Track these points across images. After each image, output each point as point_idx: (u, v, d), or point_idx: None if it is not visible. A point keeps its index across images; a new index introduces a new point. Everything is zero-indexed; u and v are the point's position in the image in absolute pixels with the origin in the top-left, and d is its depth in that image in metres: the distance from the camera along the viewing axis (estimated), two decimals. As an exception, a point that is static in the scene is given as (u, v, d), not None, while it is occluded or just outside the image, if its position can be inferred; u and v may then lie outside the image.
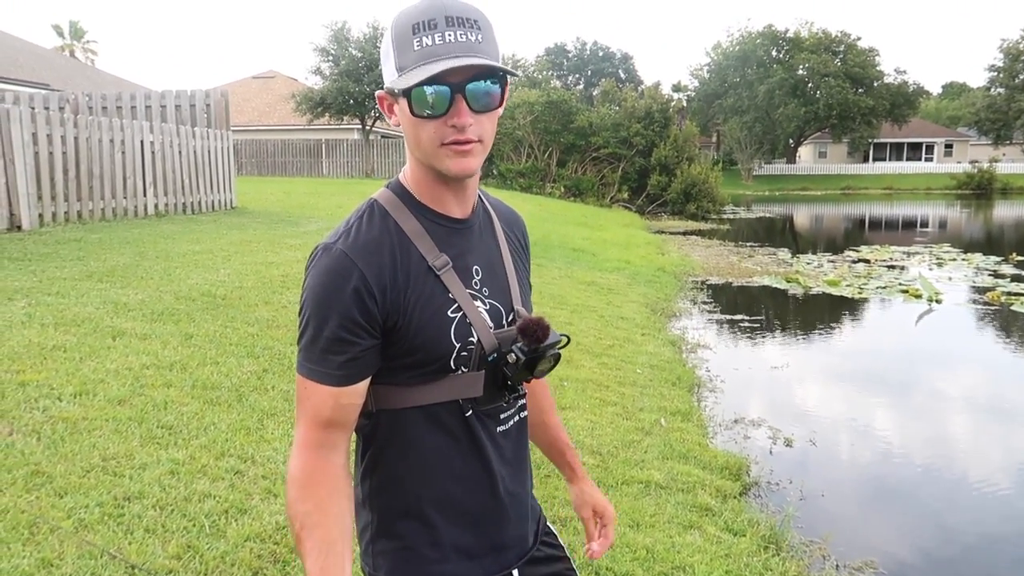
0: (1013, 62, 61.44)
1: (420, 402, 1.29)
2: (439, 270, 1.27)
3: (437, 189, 1.29)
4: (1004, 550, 4.12)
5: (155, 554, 2.74)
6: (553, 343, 1.31)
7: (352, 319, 1.20)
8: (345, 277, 1.20)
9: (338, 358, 1.21)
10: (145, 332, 5.15)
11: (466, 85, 1.18)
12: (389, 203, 1.30)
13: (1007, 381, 7.54)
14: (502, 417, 1.37)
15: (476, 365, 1.28)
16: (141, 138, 11.07)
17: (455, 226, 1.32)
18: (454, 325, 1.26)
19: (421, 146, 1.23)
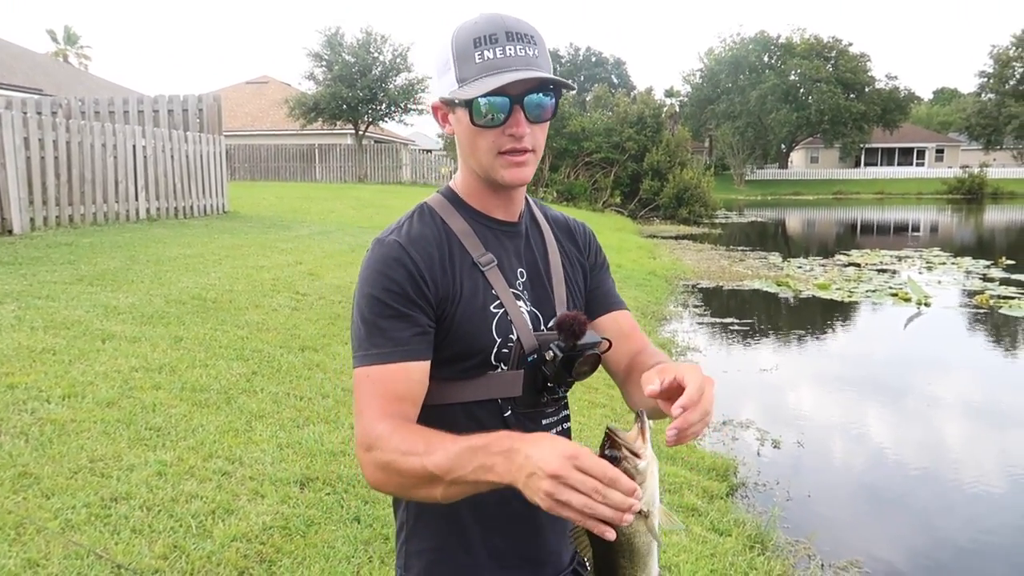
0: (1003, 68, 61.92)
1: (459, 399, 1.29)
2: (484, 266, 1.30)
3: (486, 194, 1.34)
4: (988, 550, 4.16)
5: (141, 554, 2.75)
6: (591, 343, 1.28)
7: (407, 296, 1.23)
8: (399, 260, 1.24)
9: (404, 333, 1.22)
10: (135, 335, 5.16)
11: (524, 97, 1.22)
12: (438, 205, 1.35)
13: (994, 384, 7.60)
14: (544, 423, 1.35)
15: (515, 364, 1.29)
16: (133, 143, 11.07)
17: (501, 228, 1.36)
18: (496, 320, 1.28)
19: (477, 155, 1.27)
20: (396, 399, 1.21)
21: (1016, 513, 4.60)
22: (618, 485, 0.94)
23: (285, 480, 3.45)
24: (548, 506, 0.95)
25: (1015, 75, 61.51)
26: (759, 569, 3.38)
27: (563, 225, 1.49)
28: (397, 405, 1.21)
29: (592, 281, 1.48)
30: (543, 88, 1.24)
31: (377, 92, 30.98)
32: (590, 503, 0.93)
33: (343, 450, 3.85)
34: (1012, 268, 14.57)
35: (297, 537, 3.02)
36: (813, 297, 11.68)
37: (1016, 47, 61.91)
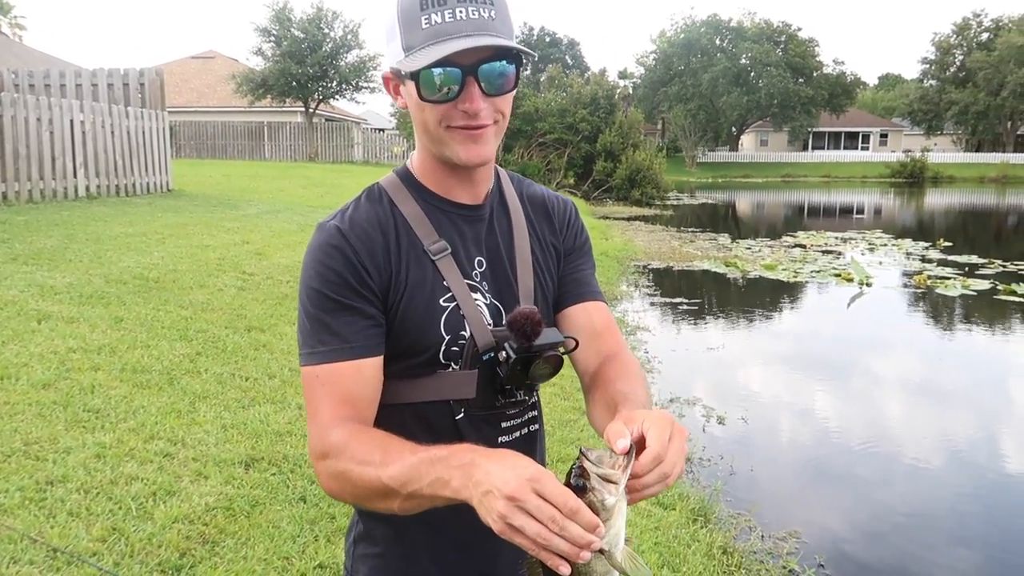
0: (944, 56, 63.70)
1: (406, 399, 1.19)
2: (435, 255, 1.18)
3: (443, 174, 1.21)
4: (925, 520, 4.32)
5: (78, 537, 2.69)
6: (551, 344, 1.16)
7: (349, 286, 1.12)
8: (338, 248, 1.13)
9: (351, 327, 1.12)
10: (72, 315, 5.01)
11: (479, 67, 1.08)
12: (391, 186, 1.24)
13: (930, 361, 7.87)
14: (503, 426, 1.24)
15: (468, 362, 1.18)
16: (71, 117, 10.69)
17: (460, 212, 1.23)
18: (445, 315, 1.17)
19: (429, 131, 1.15)
20: (348, 401, 1.12)
21: (951, 485, 4.78)
22: (578, 518, 0.86)
23: (229, 461, 3.40)
24: (500, 529, 0.87)
25: (955, 62, 63.34)
26: (701, 541, 3.46)
27: (540, 203, 1.34)
28: (350, 407, 1.12)
29: (567, 265, 1.33)
30: (503, 56, 1.10)
31: (328, 69, 30.46)
32: (545, 533, 0.85)
33: (289, 430, 3.81)
34: (949, 250, 15.07)
35: (241, 517, 2.99)
36: (760, 277, 11.91)
37: (956, 35, 63.73)
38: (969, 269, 12.60)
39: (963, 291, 10.72)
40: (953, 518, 4.37)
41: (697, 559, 3.28)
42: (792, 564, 3.55)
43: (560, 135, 30.33)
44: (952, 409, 6.30)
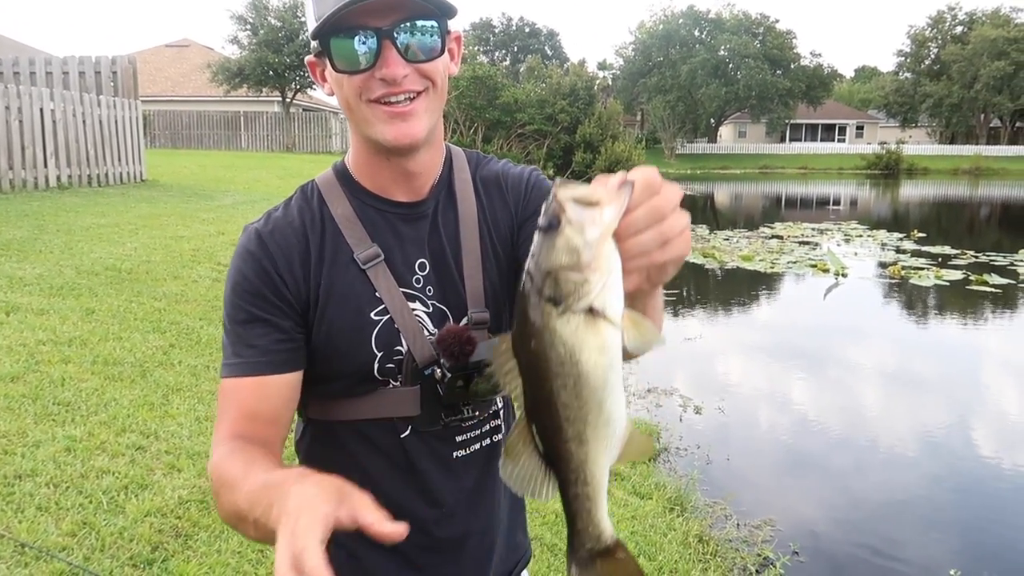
0: (919, 48, 64.37)
1: (347, 417, 1.11)
2: (365, 264, 1.07)
3: (377, 167, 1.09)
4: (899, 507, 4.38)
5: (47, 532, 2.64)
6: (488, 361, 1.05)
7: (262, 296, 1.05)
8: (253, 255, 1.06)
9: (260, 341, 1.04)
10: (42, 307, 4.93)
11: (394, 29, 0.97)
12: (325, 184, 1.13)
13: (904, 350, 7.98)
14: (459, 440, 1.14)
15: (409, 379, 1.08)
16: (41, 106, 10.48)
17: (399, 211, 1.11)
18: (377, 329, 1.07)
19: (351, 109, 1.03)
20: (248, 417, 1.04)
21: (924, 472, 4.85)
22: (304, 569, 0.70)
23: (203, 453, 3.36)
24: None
25: (930, 55, 64.02)
26: (677, 530, 3.48)
27: (493, 182, 1.19)
28: (248, 425, 1.03)
29: (525, 234, 1.15)
30: (421, 14, 0.98)
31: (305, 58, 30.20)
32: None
33: (264, 422, 3.77)
34: (923, 240, 15.26)
35: (214, 510, 2.95)
36: (738, 268, 11.99)
37: (931, 28, 64.40)
38: (942, 260, 12.77)
39: (936, 281, 10.87)
40: (926, 504, 4.43)
41: (673, 548, 3.30)
42: (767, 552, 3.58)
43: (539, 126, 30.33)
44: (925, 397, 6.39)
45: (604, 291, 0.71)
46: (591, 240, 0.69)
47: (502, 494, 1.22)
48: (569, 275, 0.70)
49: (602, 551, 0.82)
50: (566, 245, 0.70)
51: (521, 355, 0.75)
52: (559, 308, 0.71)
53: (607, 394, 0.74)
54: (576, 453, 0.75)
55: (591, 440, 0.75)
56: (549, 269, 0.71)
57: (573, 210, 0.70)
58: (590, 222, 0.70)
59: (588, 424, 0.74)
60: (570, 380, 0.72)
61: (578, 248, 0.70)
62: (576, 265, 0.70)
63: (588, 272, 0.70)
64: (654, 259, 0.74)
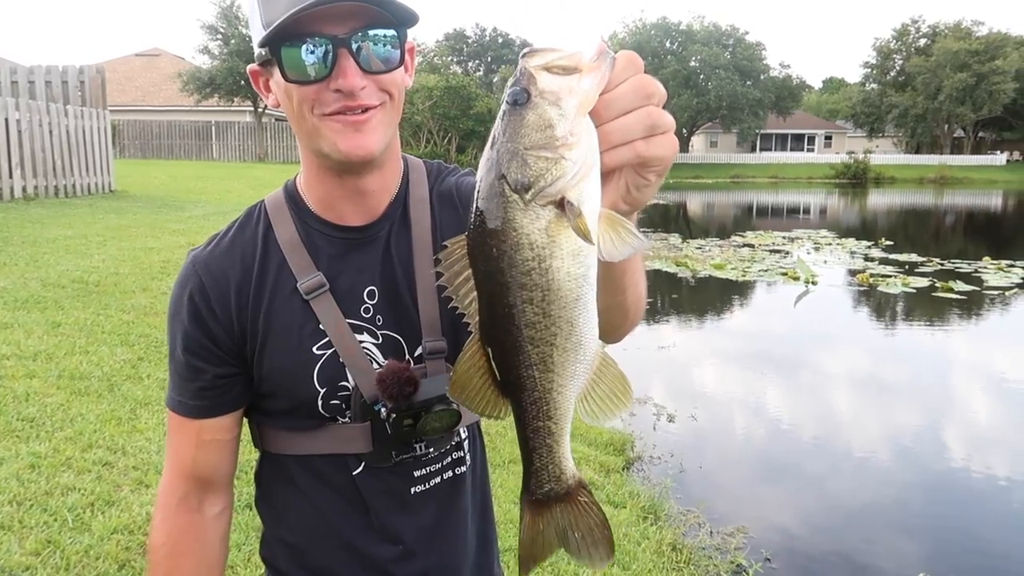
0: (885, 60, 65.63)
1: (298, 451, 1.07)
2: (308, 294, 1.01)
3: (328, 186, 1.02)
4: (871, 514, 4.42)
5: (11, 551, 2.59)
6: (439, 397, 1.00)
7: (192, 337, 1.01)
8: (184, 288, 1.02)
9: (192, 384, 1.03)
10: (6, 321, 4.83)
11: (352, 36, 0.90)
12: (274, 206, 1.07)
13: (873, 357, 8.09)
14: (417, 475, 1.08)
15: (358, 415, 1.02)
16: (6, 115, 10.32)
17: (348, 237, 1.04)
18: (320, 365, 1.01)
19: (301, 123, 0.95)
20: (189, 474, 1.07)
21: (894, 477, 4.91)
22: None
23: (172, 469, 3.31)
24: None
25: (895, 67, 65.30)
26: (651, 538, 3.49)
27: (447, 197, 1.11)
28: (193, 464, 1.06)
29: None
30: (381, 23, 0.91)
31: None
32: None
33: (235, 436, 3.73)
34: (890, 248, 15.51)
35: (184, 527, 2.91)
36: (710, 277, 12.09)
37: (896, 40, 65.71)
38: (909, 267, 12.99)
39: (903, 289, 11.05)
40: (896, 508, 4.49)
41: (647, 556, 3.31)
42: (739, 559, 3.60)
43: (513, 136, 30.41)
44: (895, 403, 6.48)
45: (580, 178, 0.59)
46: (567, 110, 0.59)
47: (468, 528, 1.16)
48: (540, 153, 0.59)
49: (562, 494, 0.74)
50: (538, 120, 0.59)
51: (478, 260, 0.62)
52: (526, 196, 0.59)
53: (579, 311, 0.63)
54: (539, 380, 0.66)
55: (558, 365, 0.65)
56: (515, 149, 0.59)
57: (545, 79, 0.59)
58: (566, 91, 0.59)
59: (555, 347, 0.64)
60: (537, 292, 0.62)
61: (551, 121, 0.59)
62: (549, 142, 0.59)
63: (563, 149, 0.58)
64: (638, 150, 0.63)
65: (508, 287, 0.62)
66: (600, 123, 0.61)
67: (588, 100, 0.59)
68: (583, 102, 0.59)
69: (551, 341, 0.64)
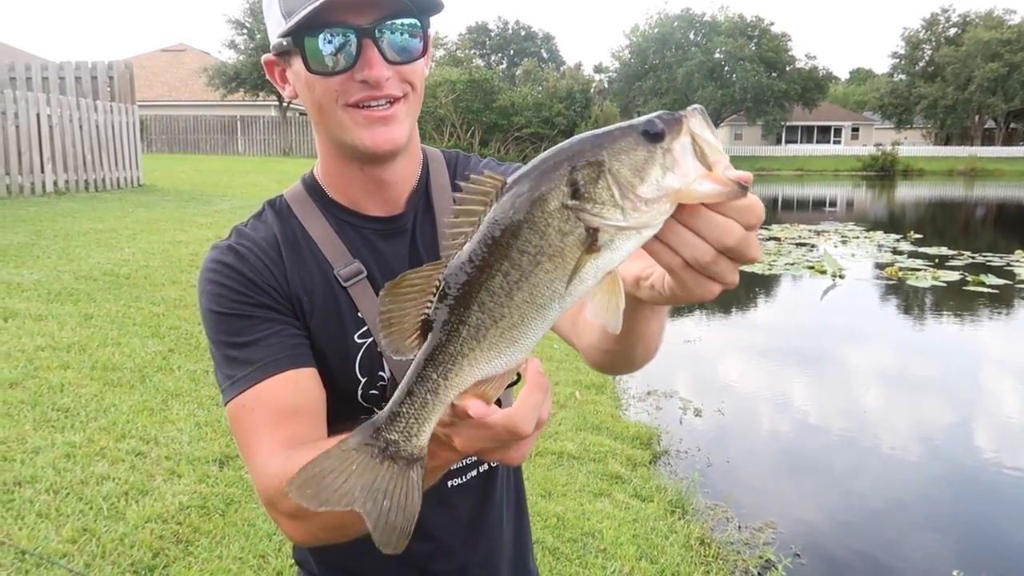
0: (914, 50, 64.56)
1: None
2: (347, 281, 0.99)
3: (350, 178, 1.01)
4: (900, 512, 4.37)
5: (48, 538, 2.63)
6: None
7: (256, 302, 0.96)
8: (231, 266, 0.97)
9: (273, 339, 0.94)
10: (40, 313, 4.91)
11: (375, 28, 0.89)
12: (296, 200, 1.05)
13: (902, 351, 7.98)
14: (453, 468, 1.06)
15: None
16: (37, 111, 10.48)
17: (377, 227, 1.04)
18: (360, 353, 0.99)
19: (324, 114, 0.94)
20: (288, 416, 0.92)
21: (924, 473, 4.85)
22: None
23: (203, 459, 3.35)
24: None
25: (924, 57, 64.22)
26: (679, 532, 3.47)
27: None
28: (292, 425, 0.92)
29: None
30: (403, 13, 0.91)
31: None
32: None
33: (264, 427, 3.76)
34: (920, 242, 15.28)
35: (216, 516, 2.95)
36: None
37: (926, 30, 64.61)
38: (939, 261, 12.79)
39: (933, 282, 10.88)
40: (927, 505, 4.43)
41: (675, 550, 3.29)
42: (768, 554, 3.57)
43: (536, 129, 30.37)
44: (924, 398, 6.40)
45: (621, 235, 0.60)
46: (666, 185, 0.58)
47: (504, 522, 1.14)
48: (614, 188, 0.59)
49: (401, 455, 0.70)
50: (641, 162, 0.58)
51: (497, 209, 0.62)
52: (573, 199, 0.59)
53: (534, 316, 0.63)
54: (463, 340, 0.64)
55: (486, 340, 0.64)
56: (603, 160, 0.59)
57: (682, 143, 0.59)
58: (682, 171, 0.59)
59: (495, 325, 0.63)
60: (515, 273, 0.61)
61: (648, 176, 0.58)
62: (627, 186, 0.59)
63: (628, 203, 0.58)
64: (684, 276, 0.64)
65: (501, 248, 0.61)
66: (680, 221, 0.61)
67: (689, 197, 0.59)
68: (684, 194, 0.59)
69: (496, 318, 0.63)
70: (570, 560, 3.05)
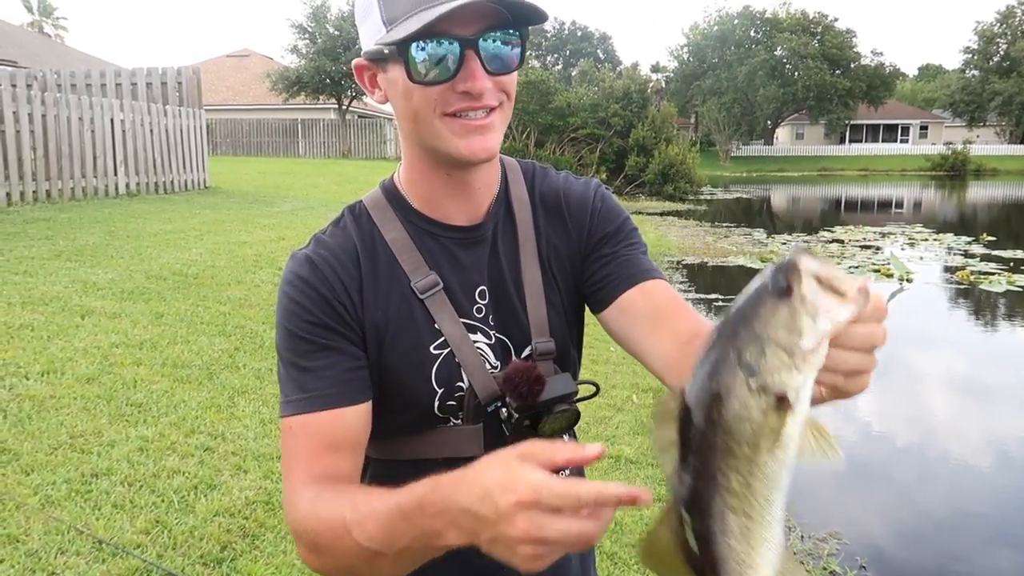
0: (988, 45, 62.14)
1: (407, 456, 1.03)
2: (423, 293, 0.99)
3: (435, 185, 1.01)
4: (969, 526, 4.22)
5: (123, 529, 2.74)
6: (560, 397, 0.99)
7: (324, 325, 0.96)
8: (307, 282, 0.97)
9: (329, 372, 0.95)
10: (114, 311, 5.11)
11: (479, 39, 0.89)
12: (375, 207, 1.04)
13: (974, 358, 7.69)
14: None
15: (471, 416, 1.00)
16: (111, 116, 10.89)
17: (456, 236, 1.03)
18: (437, 364, 0.99)
19: (420, 123, 0.94)
20: (328, 450, 0.94)
21: (995, 485, 4.67)
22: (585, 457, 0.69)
23: (268, 455, 3.44)
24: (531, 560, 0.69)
25: (999, 52, 61.77)
26: (740, 540, 3.42)
27: (552, 203, 1.10)
28: (329, 458, 0.94)
29: (600, 255, 1.08)
30: (505, 24, 0.90)
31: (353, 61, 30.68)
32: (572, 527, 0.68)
33: (326, 425, 3.84)
34: (993, 244, 14.70)
35: (280, 511, 3.02)
36: (796, 273, 11.73)
37: (1000, 23, 62.12)
38: (1014, 264, 12.28)
39: (1008, 287, 10.45)
40: (997, 518, 4.26)
41: (736, 559, 3.23)
42: (833, 565, 3.49)
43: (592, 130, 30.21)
44: (996, 407, 6.15)
45: (805, 388, 0.63)
46: (821, 330, 0.62)
47: None
48: (781, 353, 0.62)
49: None
50: (791, 320, 0.62)
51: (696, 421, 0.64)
52: (754, 380, 0.62)
53: (777, 493, 0.66)
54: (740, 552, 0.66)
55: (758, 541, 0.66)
56: (761, 335, 0.62)
57: (811, 288, 0.62)
58: (825, 311, 0.62)
59: (755, 521, 0.65)
60: (744, 463, 0.64)
61: (802, 331, 0.62)
62: (792, 347, 0.62)
63: (800, 361, 0.62)
64: (838, 382, 0.68)
65: (720, 452, 0.64)
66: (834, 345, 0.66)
67: (839, 328, 0.64)
68: (835, 329, 0.63)
69: (752, 515, 0.65)
70: (628, 566, 3.03)
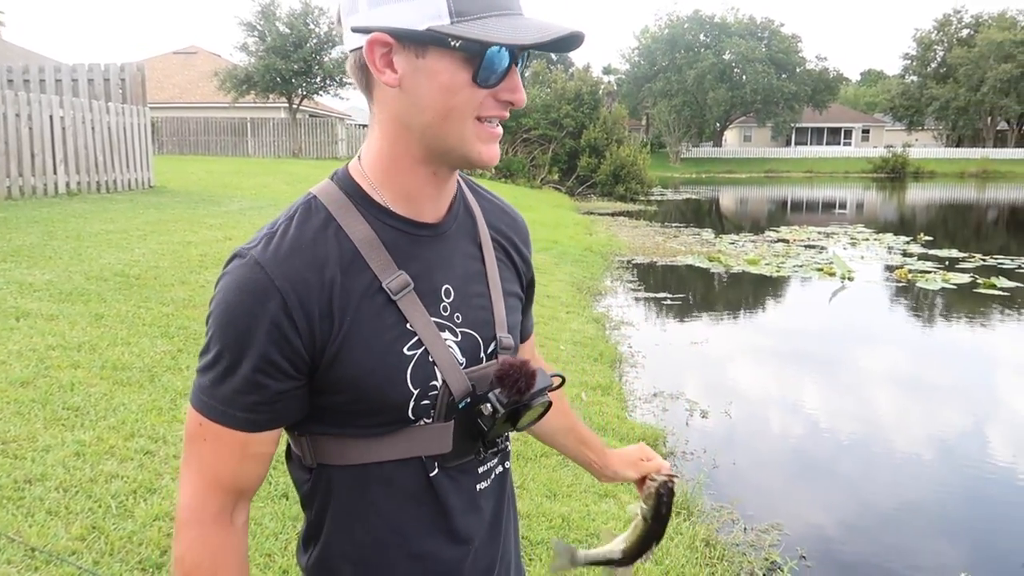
0: (925, 51, 64.28)
1: (369, 460, 0.99)
2: (395, 293, 0.95)
3: (415, 184, 0.98)
4: (907, 514, 4.36)
5: (57, 536, 2.67)
6: (541, 389, 1.03)
7: (268, 359, 0.90)
8: (259, 300, 0.89)
9: (248, 398, 0.92)
10: (52, 313, 4.96)
11: (525, 52, 0.93)
12: (333, 201, 0.98)
13: (913, 354, 7.95)
14: (481, 471, 1.06)
15: (443, 414, 0.99)
16: (50, 113, 10.57)
17: (422, 233, 1.00)
18: (412, 365, 0.96)
19: (450, 120, 0.92)
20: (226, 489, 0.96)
21: (934, 477, 4.84)
22: None
23: (211, 458, 3.38)
24: None
25: (936, 58, 63.92)
26: (684, 534, 3.48)
27: (499, 211, 1.14)
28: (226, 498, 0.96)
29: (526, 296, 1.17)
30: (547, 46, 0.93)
31: (312, 65, 30.26)
32: None
33: (272, 427, 3.79)
34: (930, 244, 15.21)
35: (223, 515, 2.97)
36: (743, 272, 11.97)
37: (937, 31, 64.32)
38: (949, 263, 12.73)
39: (944, 285, 10.84)
40: (936, 510, 4.42)
41: (680, 552, 3.30)
42: (774, 556, 3.57)
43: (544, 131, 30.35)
44: (935, 402, 6.37)
45: None
46: None
47: (512, 518, 1.19)
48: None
49: None
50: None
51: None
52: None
53: None
54: None
55: None
56: None
57: None
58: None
59: None
60: None
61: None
62: None
63: None
64: None
65: None
66: None
67: None
68: None
69: None
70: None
